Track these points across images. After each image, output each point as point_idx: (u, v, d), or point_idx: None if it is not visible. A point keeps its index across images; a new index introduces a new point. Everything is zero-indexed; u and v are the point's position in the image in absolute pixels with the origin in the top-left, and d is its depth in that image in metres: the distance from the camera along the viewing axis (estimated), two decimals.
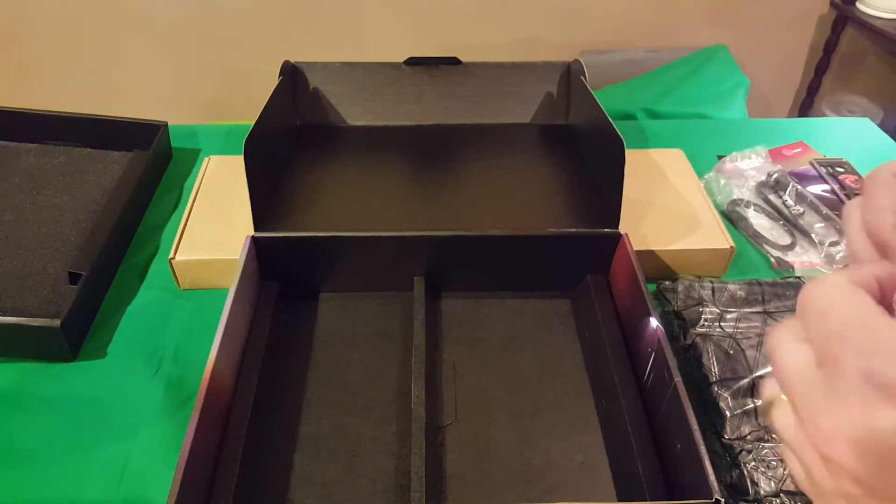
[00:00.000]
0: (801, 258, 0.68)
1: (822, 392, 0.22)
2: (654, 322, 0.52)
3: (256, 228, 0.60)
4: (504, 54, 1.67)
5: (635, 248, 0.60)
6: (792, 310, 0.58)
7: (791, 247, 0.69)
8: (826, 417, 0.22)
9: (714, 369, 0.53)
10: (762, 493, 0.46)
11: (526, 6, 1.65)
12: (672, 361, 0.48)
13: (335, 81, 0.79)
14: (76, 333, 0.59)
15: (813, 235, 0.69)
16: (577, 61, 0.78)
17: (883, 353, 0.21)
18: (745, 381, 0.52)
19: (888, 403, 0.20)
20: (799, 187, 0.75)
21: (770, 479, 0.47)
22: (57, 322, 0.56)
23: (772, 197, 0.75)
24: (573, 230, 0.61)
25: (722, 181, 0.76)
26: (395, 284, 0.63)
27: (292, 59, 0.77)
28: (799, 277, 0.62)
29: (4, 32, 1.64)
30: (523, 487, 0.50)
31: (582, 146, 0.75)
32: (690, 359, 0.56)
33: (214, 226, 0.66)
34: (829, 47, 1.74)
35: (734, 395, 0.51)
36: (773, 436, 0.49)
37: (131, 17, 1.62)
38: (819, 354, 0.23)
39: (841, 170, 0.80)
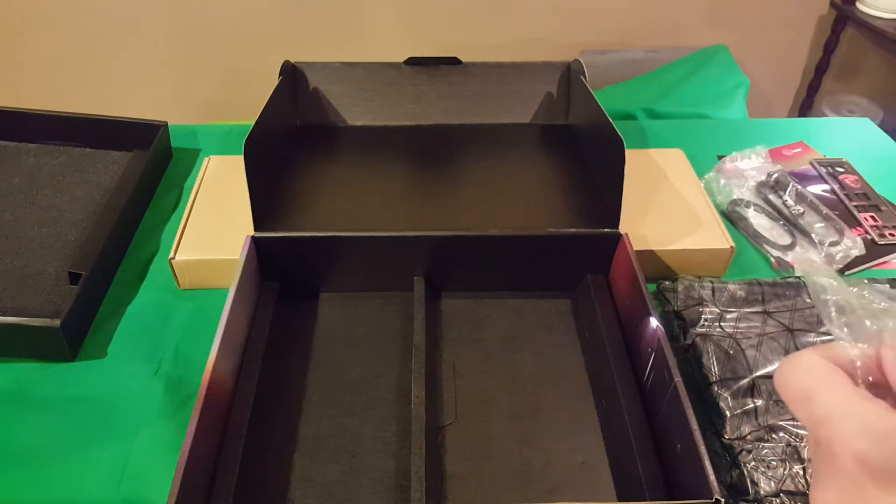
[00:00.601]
0: (801, 258, 0.68)
1: (820, 467, 0.24)
2: (654, 322, 0.52)
3: (256, 228, 0.60)
4: (504, 54, 1.67)
5: (635, 248, 0.60)
6: (792, 309, 0.58)
7: (791, 247, 0.69)
8: (820, 492, 0.23)
9: (714, 369, 0.53)
10: (762, 493, 0.46)
11: (526, 6, 1.65)
12: (672, 361, 0.48)
13: (335, 81, 0.79)
14: (76, 333, 0.59)
15: (813, 235, 0.69)
16: (576, 61, 0.78)
17: (870, 438, 0.22)
18: (745, 381, 0.52)
19: (877, 485, 0.21)
20: (799, 187, 0.75)
21: (770, 479, 0.47)
22: (57, 322, 0.56)
23: (772, 197, 0.75)
24: (573, 230, 0.61)
25: (722, 181, 0.76)
26: (395, 284, 0.63)
27: (292, 59, 0.77)
28: (799, 277, 0.62)
29: (5, 32, 1.64)
30: (523, 487, 0.50)
31: (582, 146, 0.75)
32: (690, 359, 0.56)
33: (214, 226, 0.66)
34: (829, 47, 1.75)
35: (734, 395, 0.51)
36: (773, 436, 0.49)
37: (131, 17, 1.62)
38: (811, 435, 0.24)
39: (841, 170, 0.80)
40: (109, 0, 1.59)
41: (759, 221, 0.72)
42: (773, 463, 0.47)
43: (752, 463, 0.48)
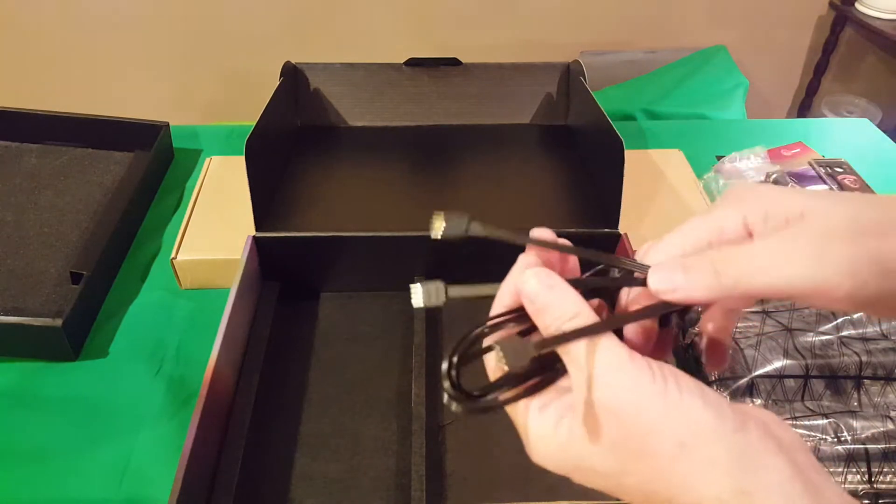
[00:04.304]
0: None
1: None
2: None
3: (257, 228, 0.60)
4: (504, 55, 1.66)
5: (635, 248, 0.60)
6: (790, 309, 0.59)
7: None
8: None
9: None
10: None
11: (526, 6, 1.65)
12: (671, 361, 0.48)
13: (336, 82, 0.79)
14: (78, 333, 0.59)
15: None
16: (576, 62, 0.78)
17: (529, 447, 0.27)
18: (744, 380, 0.52)
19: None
20: (798, 188, 0.75)
21: None
22: (59, 322, 0.56)
23: None
24: (573, 230, 0.62)
25: (721, 181, 0.76)
26: (395, 284, 0.63)
27: (293, 60, 0.77)
28: None
29: (6, 32, 1.64)
30: (523, 486, 0.50)
31: (581, 147, 0.76)
32: (689, 358, 0.56)
33: (216, 226, 0.66)
34: (828, 48, 1.75)
35: (733, 395, 0.52)
36: None
37: (133, 18, 1.62)
38: None
39: (840, 170, 0.81)
40: (111, 1, 1.60)
41: None
42: None
43: None
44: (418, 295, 0.29)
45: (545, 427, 0.26)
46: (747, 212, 0.27)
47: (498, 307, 0.30)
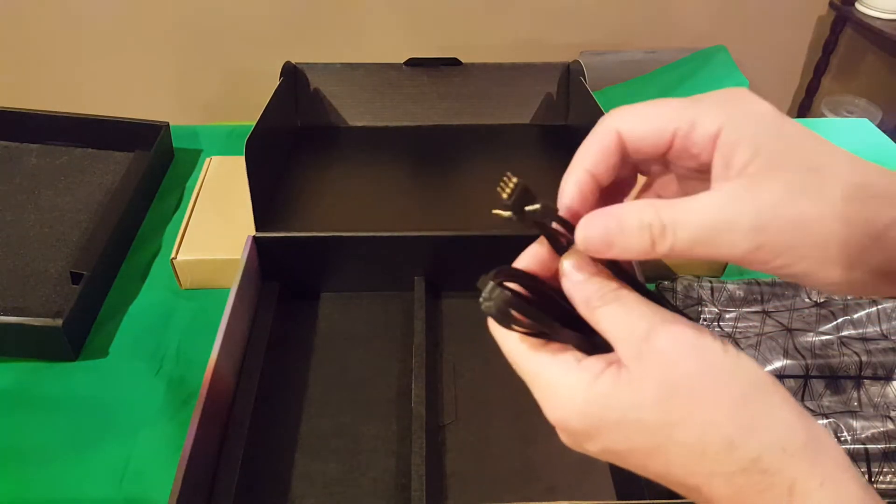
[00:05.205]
0: None
1: None
2: None
3: (257, 228, 0.60)
4: (504, 55, 1.67)
5: None
6: (791, 309, 0.59)
7: None
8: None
9: None
10: None
11: (526, 6, 1.65)
12: None
13: (336, 82, 0.79)
14: (78, 333, 0.59)
15: None
16: (576, 62, 0.78)
17: (545, 403, 0.28)
18: None
19: (568, 438, 0.27)
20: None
21: None
22: (59, 322, 0.56)
23: None
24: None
25: None
26: (395, 284, 0.63)
27: (293, 60, 0.77)
28: None
29: (5, 32, 1.64)
30: (523, 486, 0.50)
31: None
32: None
33: (216, 226, 0.66)
34: (828, 48, 1.75)
35: None
36: None
37: (133, 18, 1.62)
38: None
39: None
40: (112, 1, 1.60)
41: None
42: None
43: None
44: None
45: (582, 379, 0.26)
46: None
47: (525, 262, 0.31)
